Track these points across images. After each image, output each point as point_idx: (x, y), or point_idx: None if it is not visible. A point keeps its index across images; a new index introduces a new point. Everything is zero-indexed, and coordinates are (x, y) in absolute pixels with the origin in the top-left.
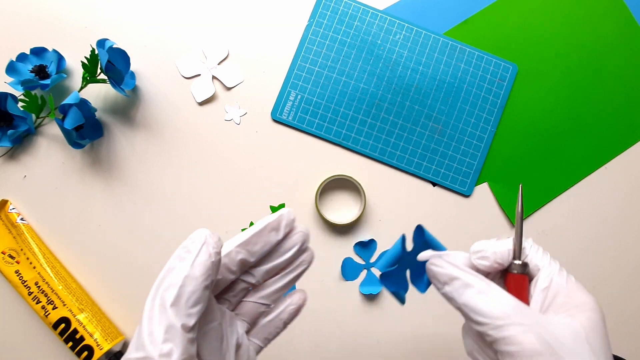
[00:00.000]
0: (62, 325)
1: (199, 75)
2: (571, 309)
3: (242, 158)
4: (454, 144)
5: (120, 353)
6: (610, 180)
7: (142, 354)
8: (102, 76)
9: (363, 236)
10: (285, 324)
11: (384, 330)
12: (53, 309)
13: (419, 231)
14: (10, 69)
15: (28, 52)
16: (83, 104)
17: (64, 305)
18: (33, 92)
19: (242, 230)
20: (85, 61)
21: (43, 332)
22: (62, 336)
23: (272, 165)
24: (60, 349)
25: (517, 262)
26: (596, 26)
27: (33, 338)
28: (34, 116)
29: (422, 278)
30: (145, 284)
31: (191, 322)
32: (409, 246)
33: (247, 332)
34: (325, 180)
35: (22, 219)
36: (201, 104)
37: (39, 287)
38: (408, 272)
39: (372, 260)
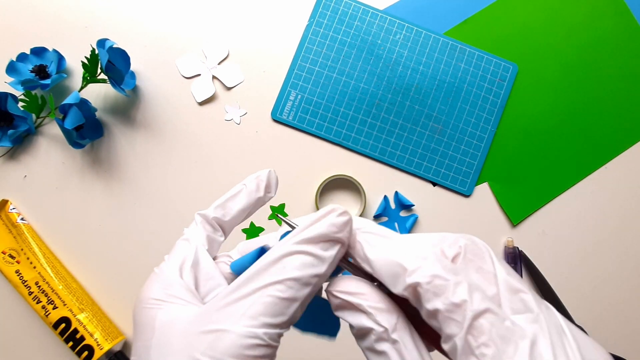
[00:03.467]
0: (63, 325)
1: (199, 75)
2: None
3: (242, 158)
4: (454, 144)
5: (121, 353)
6: (610, 180)
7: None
8: (102, 76)
9: None
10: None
11: None
12: (53, 308)
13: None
14: (11, 69)
15: (28, 52)
16: (83, 104)
17: (64, 305)
18: (33, 92)
19: (242, 230)
20: (86, 61)
21: (43, 332)
22: (62, 336)
23: (272, 165)
24: (60, 348)
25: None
26: (596, 26)
27: (33, 338)
28: (34, 116)
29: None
30: None
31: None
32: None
33: None
34: (325, 180)
35: (22, 219)
36: (201, 104)
37: (39, 286)
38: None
39: None
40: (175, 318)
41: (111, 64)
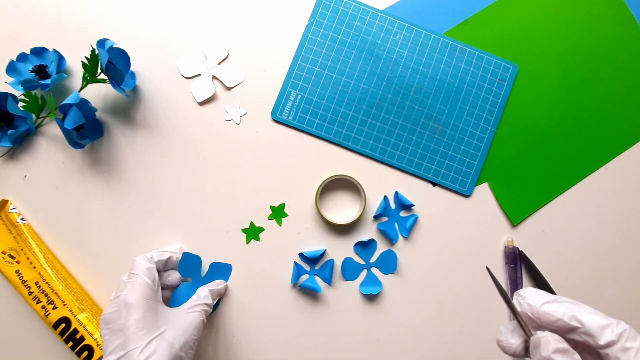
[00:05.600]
0: (63, 325)
1: (199, 75)
2: None
3: (242, 158)
4: (454, 144)
5: None
6: (610, 180)
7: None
8: (102, 76)
9: (363, 236)
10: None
11: (384, 330)
12: (53, 308)
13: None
14: (11, 69)
15: (28, 52)
16: (83, 104)
17: (64, 305)
18: (33, 92)
19: (242, 230)
20: (86, 61)
21: (43, 332)
22: (62, 336)
23: (272, 165)
24: (60, 349)
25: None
26: (596, 26)
27: (33, 338)
28: (34, 116)
29: (405, 226)
30: None
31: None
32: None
33: None
34: (325, 180)
35: (22, 219)
36: (201, 104)
37: (39, 287)
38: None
39: (372, 260)
40: None
41: (111, 64)
